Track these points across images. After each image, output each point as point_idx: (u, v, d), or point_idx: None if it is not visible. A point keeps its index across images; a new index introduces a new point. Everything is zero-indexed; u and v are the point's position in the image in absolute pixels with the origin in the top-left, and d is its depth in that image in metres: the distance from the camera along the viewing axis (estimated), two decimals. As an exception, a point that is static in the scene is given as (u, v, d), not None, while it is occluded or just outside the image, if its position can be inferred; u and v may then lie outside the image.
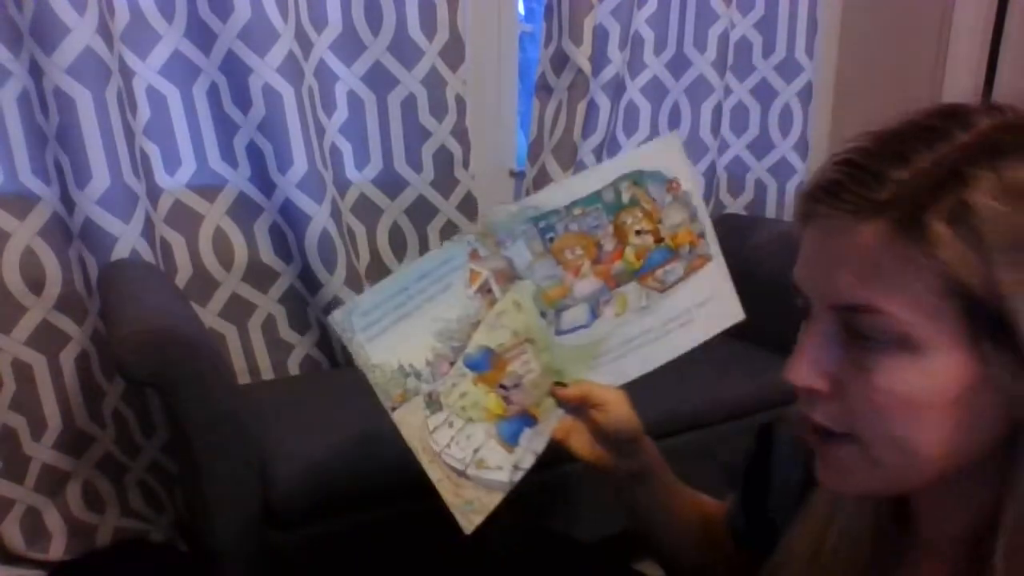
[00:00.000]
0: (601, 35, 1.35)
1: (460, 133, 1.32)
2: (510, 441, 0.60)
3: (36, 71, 1.00)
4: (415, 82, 1.26)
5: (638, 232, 0.63)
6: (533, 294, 0.61)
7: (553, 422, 0.63)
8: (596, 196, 0.62)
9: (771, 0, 1.56)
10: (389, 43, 1.24)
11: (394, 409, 0.58)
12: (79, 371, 1.14)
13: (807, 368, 0.43)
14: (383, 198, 1.32)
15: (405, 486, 0.60)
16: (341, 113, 1.27)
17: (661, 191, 0.64)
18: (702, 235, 0.66)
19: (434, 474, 0.57)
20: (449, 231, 1.36)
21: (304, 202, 1.17)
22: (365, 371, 0.58)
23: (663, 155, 0.64)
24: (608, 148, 1.46)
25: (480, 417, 0.59)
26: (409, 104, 1.27)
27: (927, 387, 0.40)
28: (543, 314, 0.62)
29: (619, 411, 0.64)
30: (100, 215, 1.04)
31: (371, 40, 1.24)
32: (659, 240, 0.64)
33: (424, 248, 1.36)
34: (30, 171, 1.06)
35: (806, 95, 1.61)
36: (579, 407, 0.64)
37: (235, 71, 1.11)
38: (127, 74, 1.09)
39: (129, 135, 1.06)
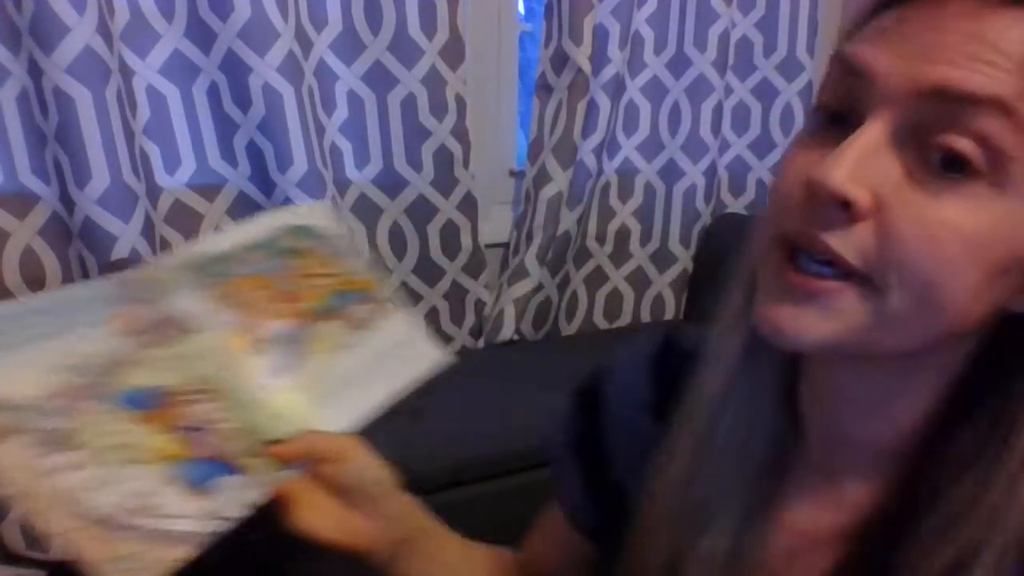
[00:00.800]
0: (601, 35, 1.35)
1: (460, 133, 1.32)
2: (197, 485, 0.51)
3: (35, 70, 1.00)
4: (415, 82, 1.26)
5: (318, 275, 0.59)
6: (217, 344, 0.54)
7: (272, 480, 0.52)
8: (264, 242, 0.57)
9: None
10: (389, 43, 1.24)
11: None
12: (79, 371, 1.14)
13: (850, 170, 0.34)
14: (383, 198, 1.32)
15: (405, 486, 0.59)
16: (341, 112, 1.27)
17: (328, 244, 0.60)
18: (380, 283, 0.62)
19: (58, 524, 0.46)
20: (449, 231, 1.36)
21: (304, 201, 1.17)
22: None
23: (315, 218, 0.61)
24: (608, 148, 1.46)
25: (144, 459, 0.50)
26: (409, 104, 1.27)
27: (1000, 235, 0.34)
28: (233, 366, 0.54)
29: (357, 460, 0.53)
30: (100, 215, 1.04)
31: (371, 40, 1.24)
32: (339, 284, 0.60)
33: (424, 248, 1.36)
34: (29, 171, 1.06)
35: (807, 94, 1.61)
36: (307, 465, 0.52)
37: (235, 70, 1.11)
38: (127, 73, 1.09)
39: (129, 135, 1.06)
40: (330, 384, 0.56)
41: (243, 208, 1.21)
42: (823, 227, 0.36)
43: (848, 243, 0.35)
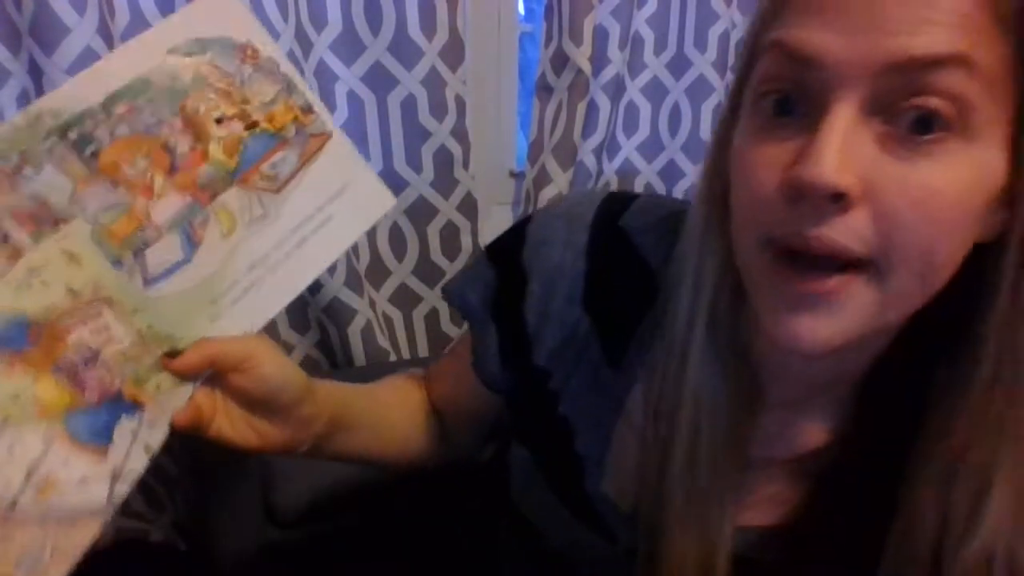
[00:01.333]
0: (601, 35, 1.35)
1: (460, 133, 1.32)
2: (96, 440, 0.42)
3: (36, 71, 1.00)
4: (415, 82, 1.26)
5: (219, 121, 0.46)
6: (92, 235, 0.43)
7: (175, 404, 0.45)
8: (144, 83, 0.44)
9: (771, 0, 1.56)
10: (389, 43, 1.24)
11: None
12: (79, 371, 1.14)
13: (835, 163, 0.34)
14: (383, 198, 1.32)
15: (406, 486, 0.58)
16: (341, 113, 1.26)
17: (233, 62, 0.47)
18: (308, 109, 0.50)
19: None
20: (449, 231, 1.36)
21: (304, 202, 1.17)
22: None
23: (221, 14, 0.46)
24: (608, 148, 1.46)
25: (26, 416, 0.40)
26: (409, 104, 1.27)
27: (976, 184, 0.35)
28: (118, 262, 0.44)
29: (269, 365, 0.48)
30: (100, 215, 1.04)
31: (371, 40, 1.24)
32: (252, 125, 0.47)
33: (424, 248, 1.36)
34: (30, 171, 1.06)
35: (806, 95, 1.61)
36: (211, 376, 0.47)
37: (235, 71, 1.11)
38: (127, 74, 1.09)
39: (129, 135, 1.06)
40: (235, 275, 0.47)
41: (243, 209, 1.21)
42: (816, 223, 0.35)
43: (847, 232, 0.35)
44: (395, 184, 1.32)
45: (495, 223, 1.48)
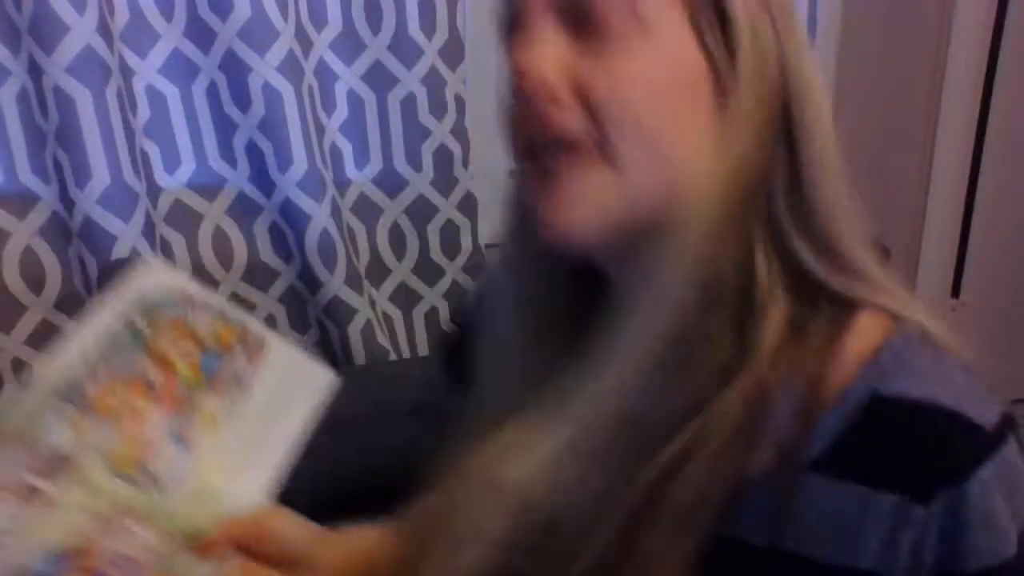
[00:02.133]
0: (601, 34, 1.35)
1: (460, 133, 1.32)
2: None
3: (35, 70, 1.00)
4: (415, 81, 1.26)
5: (179, 349, 0.56)
6: (102, 464, 0.50)
7: None
8: (112, 337, 0.53)
9: None
10: (389, 42, 1.24)
11: None
12: (79, 371, 1.14)
13: (540, 63, 0.42)
14: (383, 197, 1.32)
15: (407, 486, 0.59)
16: (341, 112, 1.27)
17: (180, 307, 0.56)
18: (243, 327, 0.59)
19: None
20: (449, 231, 1.36)
21: (304, 201, 1.17)
22: None
23: (152, 279, 0.56)
24: (608, 147, 1.46)
25: None
26: (409, 103, 1.27)
27: (664, 67, 0.41)
28: (131, 479, 0.51)
29: (285, 528, 0.55)
30: (100, 214, 1.04)
31: (371, 39, 1.24)
32: (205, 348, 0.56)
33: (424, 247, 1.36)
34: (29, 170, 1.06)
35: (806, 94, 1.61)
36: (244, 550, 0.53)
37: (235, 70, 1.11)
38: (127, 73, 1.09)
39: (129, 134, 1.06)
40: (231, 457, 0.55)
41: (243, 208, 1.21)
42: (546, 116, 0.42)
43: (571, 119, 0.42)
44: (395, 183, 1.32)
45: (495, 222, 1.48)
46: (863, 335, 0.43)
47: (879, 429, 0.40)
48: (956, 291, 1.78)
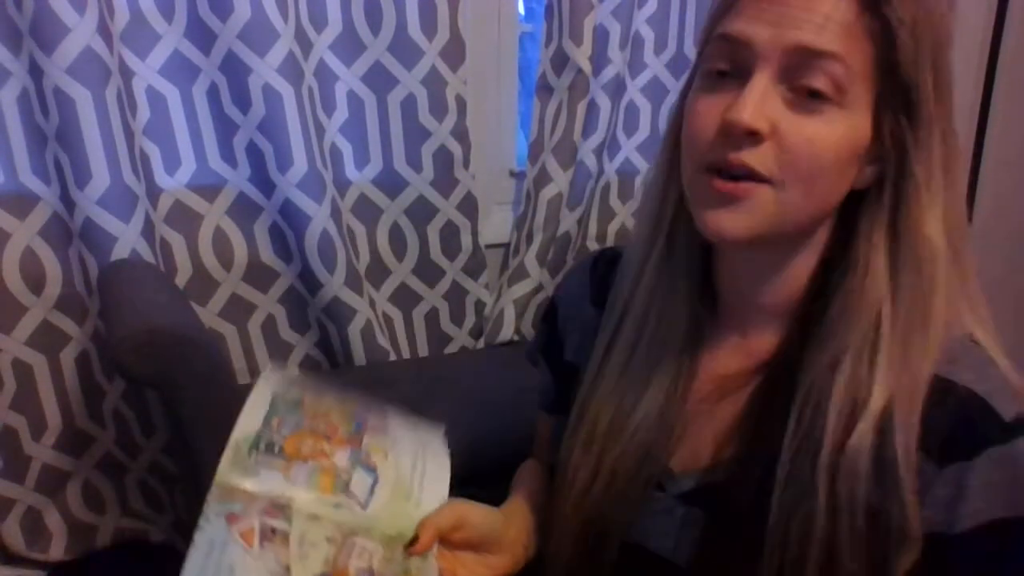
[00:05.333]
0: (601, 35, 1.35)
1: (460, 133, 1.32)
2: None
3: (36, 71, 1.00)
4: (415, 82, 1.26)
5: (324, 411, 0.64)
6: (314, 497, 0.59)
7: (430, 571, 0.61)
8: (274, 403, 0.62)
9: (771, 0, 1.56)
10: (389, 43, 1.24)
11: None
12: (79, 371, 1.14)
13: (754, 109, 0.50)
14: (383, 198, 1.32)
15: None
16: (341, 113, 1.27)
17: (304, 392, 0.65)
18: (356, 400, 0.67)
19: None
20: (449, 231, 1.36)
21: (304, 202, 1.17)
22: None
23: (278, 375, 0.65)
24: (608, 148, 1.46)
25: None
26: (409, 104, 1.27)
27: (848, 139, 0.51)
28: (338, 505, 0.59)
29: (474, 516, 0.63)
30: (100, 215, 1.04)
31: (371, 40, 1.24)
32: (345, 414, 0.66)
33: (424, 248, 1.36)
34: (30, 171, 1.06)
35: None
36: (444, 545, 0.62)
37: (235, 71, 1.11)
38: (127, 74, 1.09)
39: (129, 135, 1.06)
40: (408, 477, 0.63)
41: (243, 208, 1.21)
42: (737, 150, 0.51)
43: (757, 158, 0.51)
44: (395, 183, 1.32)
45: (495, 222, 1.48)
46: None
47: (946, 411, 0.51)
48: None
